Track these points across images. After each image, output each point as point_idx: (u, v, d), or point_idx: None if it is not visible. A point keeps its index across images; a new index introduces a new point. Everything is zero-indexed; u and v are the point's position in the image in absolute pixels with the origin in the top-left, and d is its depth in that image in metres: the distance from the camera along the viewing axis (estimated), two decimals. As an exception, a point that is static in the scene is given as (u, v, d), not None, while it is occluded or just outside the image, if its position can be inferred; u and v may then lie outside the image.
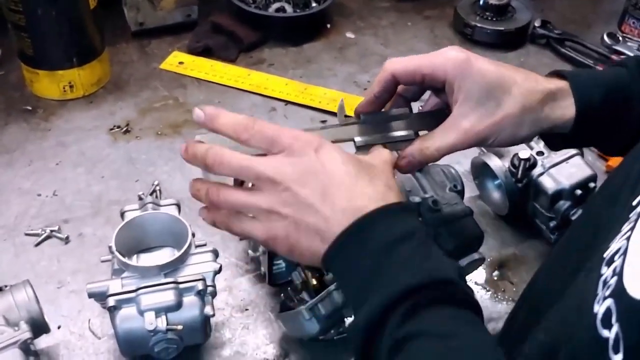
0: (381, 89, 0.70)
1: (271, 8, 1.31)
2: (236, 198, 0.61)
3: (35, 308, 0.70)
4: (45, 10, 1.02)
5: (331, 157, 0.59)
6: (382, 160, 0.64)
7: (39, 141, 1.05)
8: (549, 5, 1.45)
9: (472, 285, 0.87)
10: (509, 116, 0.67)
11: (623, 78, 0.71)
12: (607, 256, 0.47)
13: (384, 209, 0.57)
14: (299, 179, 0.58)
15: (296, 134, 0.60)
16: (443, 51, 0.69)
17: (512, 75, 0.68)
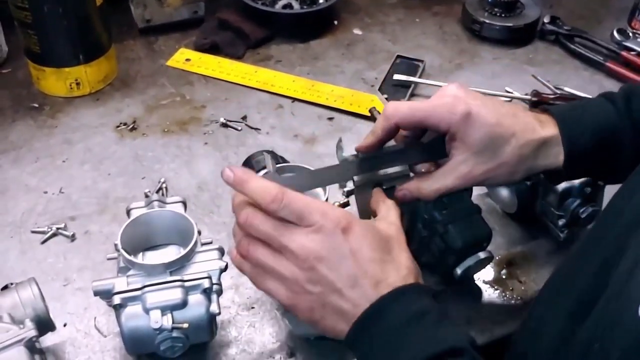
0: (384, 135, 0.73)
1: (278, 4, 1.30)
2: (263, 258, 0.63)
3: (40, 306, 0.70)
4: (52, 8, 1.02)
5: (359, 243, 0.62)
6: (395, 226, 0.68)
7: (46, 138, 1.05)
8: (558, 1, 1.44)
9: (480, 283, 0.87)
10: (505, 165, 0.72)
11: (611, 117, 0.74)
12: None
13: (402, 290, 0.61)
14: (326, 261, 0.61)
15: (325, 209, 0.62)
16: (445, 102, 0.71)
17: (512, 125, 0.72)
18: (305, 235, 0.61)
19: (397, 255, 0.64)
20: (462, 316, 0.83)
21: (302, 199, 0.62)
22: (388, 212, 0.70)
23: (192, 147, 1.05)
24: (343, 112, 1.12)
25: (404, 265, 0.64)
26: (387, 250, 0.64)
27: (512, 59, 1.27)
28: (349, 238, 0.61)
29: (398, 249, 0.65)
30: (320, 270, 0.61)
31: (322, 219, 0.61)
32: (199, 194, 0.97)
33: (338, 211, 0.63)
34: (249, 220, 0.63)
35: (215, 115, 1.10)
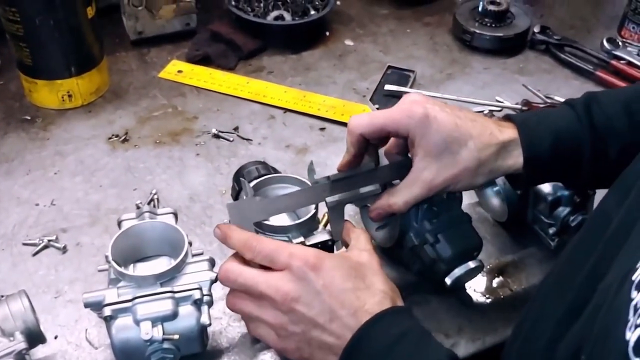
0: (356, 150, 0.76)
1: (270, 16, 1.31)
2: (248, 309, 0.68)
3: (31, 318, 0.70)
4: (43, 20, 1.03)
5: (330, 276, 0.65)
6: (367, 252, 0.71)
7: (38, 150, 1.05)
8: (548, 11, 1.45)
9: (471, 292, 0.87)
10: (465, 169, 0.74)
11: (571, 123, 0.75)
12: (636, 279, 0.47)
13: (380, 315, 0.64)
14: (302, 300, 0.64)
15: (292, 251, 0.66)
16: (404, 107, 0.74)
17: (469, 129, 0.74)
18: (279, 278, 0.65)
19: (371, 281, 0.67)
20: (454, 325, 0.83)
21: (272, 243, 0.67)
22: (358, 240, 0.73)
23: (183, 158, 1.05)
24: (335, 123, 1.13)
25: (378, 290, 0.66)
26: (360, 277, 0.66)
27: (502, 69, 1.28)
28: (319, 274, 0.64)
29: (371, 274, 0.68)
30: (299, 309, 0.64)
31: (291, 260, 0.65)
32: (191, 205, 0.97)
33: (306, 250, 0.66)
34: (226, 276, 0.68)
35: (207, 126, 1.11)
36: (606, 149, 0.75)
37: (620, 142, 0.74)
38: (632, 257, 0.50)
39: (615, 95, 0.79)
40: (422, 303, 0.85)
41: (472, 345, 0.81)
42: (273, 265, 0.66)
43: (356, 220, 0.92)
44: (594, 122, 0.75)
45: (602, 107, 0.76)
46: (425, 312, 0.84)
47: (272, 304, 0.66)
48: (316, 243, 0.76)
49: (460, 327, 0.83)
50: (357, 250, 0.71)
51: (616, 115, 0.75)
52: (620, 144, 0.74)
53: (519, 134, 0.75)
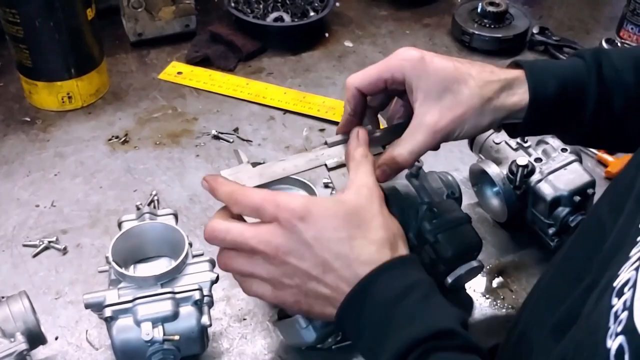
0: (353, 107, 0.72)
1: (269, 17, 1.31)
2: (240, 267, 0.64)
3: (31, 319, 0.70)
4: (43, 22, 1.03)
5: (320, 227, 0.61)
6: (366, 189, 0.64)
7: (38, 152, 1.05)
8: (547, 12, 1.45)
9: (471, 293, 0.87)
10: (469, 108, 0.69)
11: (579, 70, 0.72)
12: (617, 286, 0.46)
13: (382, 269, 0.60)
14: (294, 252, 0.61)
15: (278, 201, 0.61)
16: (397, 52, 0.71)
17: (467, 68, 0.70)
18: (268, 231, 0.61)
19: (367, 228, 0.62)
20: (454, 325, 0.83)
21: (258, 195, 0.63)
22: (357, 172, 0.67)
23: (183, 159, 1.05)
24: (334, 124, 1.13)
25: (376, 237, 0.62)
26: (355, 224, 0.62)
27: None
28: (309, 224, 0.60)
29: (370, 217, 0.62)
30: (292, 262, 0.61)
31: (277, 211, 0.61)
32: (191, 206, 0.97)
33: (294, 200, 0.62)
34: (213, 235, 0.64)
35: (207, 128, 1.11)
36: (611, 100, 0.72)
37: (626, 96, 0.72)
38: (618, 264, 0.49)
39: (626, 51, 0.77)
40: (422, 303, 0.85)
41: (472, 345, 0.81)
42: (261, 218, 0.62)
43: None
44: (603, 72, 0.72)
45: (613, 60, 0.73)
46: (425, 312, 0.84)
47: (264, 259, 0.62)
48: None
49: (460, 327, 0.83)
50: (355, 188, 0.64)
51: (626, 69, 0.72)
52: (626, 97, 0.72)
53: (525, 75, 0.71)
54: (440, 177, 0.87)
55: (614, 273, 0.48)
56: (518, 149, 0.92)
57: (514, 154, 0.92)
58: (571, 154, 0.90)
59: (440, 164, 0.93)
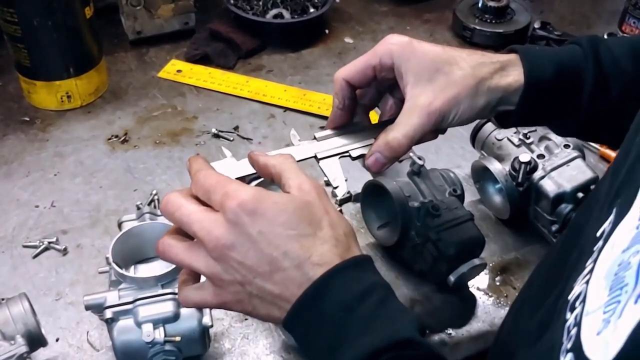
0: (341, 100, 0.69)
1: (269, 14, 1.31)
2: (177, 256, 0.58)
3: (31, 321, 0.70)
4: (41, 21, 1.02)
5: (269, 222, 0.55)
6: (310, 186, 0.59)
7: (37, 152, 1.05)
8: (548, 7, 1.44)
9: (474, 291, 0.86)
10: (464, 88, 0.66)
11: (577, 55, 0.70)
12: (571, 299, 0.44)
13: (335, 271, 0.55)
14: (238, 247, 0.55)
15: (229, 191, 0.56)
16: (385, 39, 0.68)
17: (457, 51, 0.68)
18: (212, 220, 0.55)
19: (318, 226, 0.56)
20: (456, 324, 0.82)
21: (213, 177, 0.57)
22: (289, 173, 0.60)
23: (184, 158, 1.05)
24: (335, 121, 1.12)
25: (327, 236, 0.56)
26: (305, 222, 0.56)
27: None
28: (256, 219, 0.54)
29: (321, 215, 0.57)
30: (234, 257, 0.55)
31: (225, 200, 0.55)
32: (191, 206, 0.96)
33: (244, 191, 0.55)
34: (166, 208, 0.58)
35: (207, 126, 1.10)
36: (608, 88, 0.69)
37: (623, 83, 0.70)
38: (574, 274, 0.47)
39: (623, 40, 0.75)
40: (424, 302, 0.85)
41: (475, 344, 0.81)
42: (210, 203, 0.57)
43: (358, 219, 0.92)
44: (600, 59, 0.70)
45: (610, 47, 0.71)
46: (427, 310, 0.84)
47: (204, 250, 0.56)
48: None
49: (463, 326, 0.82)
50: (296, 185, 0.58)
51: (623, 56, 0.70)
52: (623, 85, 0.70)
53: (520, 58, 0.68)
54: (442, 175, 0.86)
55: (572, 285, 0.46)
56: (520, 145, 0.92)
57: (516, 150, 0.91)
58: (574, 150, 0.90)
59: (442, 161, 0.92)
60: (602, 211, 0.50)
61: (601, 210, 0.50)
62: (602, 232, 0.47)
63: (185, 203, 0.57)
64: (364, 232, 0.90)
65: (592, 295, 0.42)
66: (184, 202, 0.57)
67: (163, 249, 0.59)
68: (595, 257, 0.44)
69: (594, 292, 0.42)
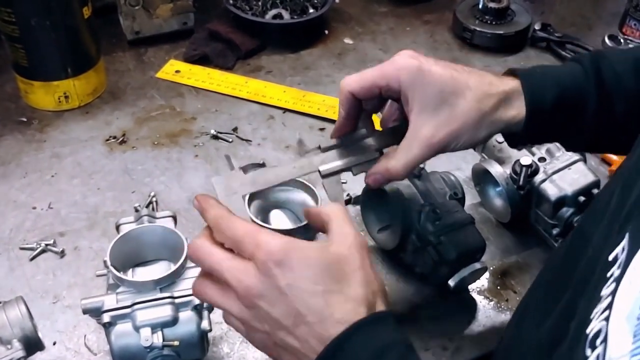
0: (347, 110, 0.71)
1: (268, 15, 1.30)
2: (211, 297, 0.61)
3: (28, 325, 0.69)
4: (39, 21, 1.01)
5: (296, 276, 0.56)
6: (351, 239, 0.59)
7: (34, 153, 1.04)
8: (548, 8, 1.44)
9: (475, 294, 0.86)
10: (466, 122, 0.67)
11: (578, 77, 0.70)
12: (589, 334, 0.43)
13: (355, 328, 0.55)
14: (266, 298, 0.56)
15: (259, 241, 0.57)
16: (395, 60, 0.69)
17: (466, 79, 0.68)
18: (243, 269, 0.57)
19: (347, 283, 0.57)
20: (457, 328, 0.82)
21: (241, 228, 0.59)
22: (337, 221, 0.61)
23: (182, 159, 1.04)
24: (334, 122, 1.11)
25: (354, 294, 0.57)
26: (335, 277, 0.57)
27: (503, 67, 1.26)
28: (285, 271, 0.56)
29: (350, 271, 0.57)
30: (262, 307, 0.57)
31: (256, 251, 0.57)
32: (190, 208, 0.96)
33: (274, 242, 0.57)
34: (196, 255, 0.60)
35: (205, 127, 1.09)
36: (612, 106, 0.70)
37: (627, 101, 0.70)
38: (590, 302, 0.46)
39: (625, 53, 0.75)
40: (424, 306, 0.84)
41: (475, 348, 0.80)
42: (240, 251, 0.58)
43: (358, 221, 0.91)
44: (602, 77, 0.70)
45: (612, 64, 0.71)
46: (428, 315, 0.83)
47: (236, 296, 0.58)
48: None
49: (463, 330, 0.82)
50: (338, 236, 0.60)
51: (625, 72, 0.71)
52: (627, 102, 0.70)
53: (522, 85, 0.69)
54: (443, 178, 0.86)
55: (586, 315, 0.45)
56: (521, 148, 0.91)
57: (517, 153, 0.90)
58: (575, 154, 0.89)
59: (443, 164, 0.92)
60: (613, 230, 0.49)
61: (610, 226, 0.50)
62: (614, 257, 0.46)
63: (214, 251, 0.59)
64: (363, 234, 0.89)
65: (614, 339, 0.41)
66: (213, 250, 0.59)
67: (198, 290, 0.61)
68: (613, 290, 0.43)
69: (616, 336, 0.41)
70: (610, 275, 0.45)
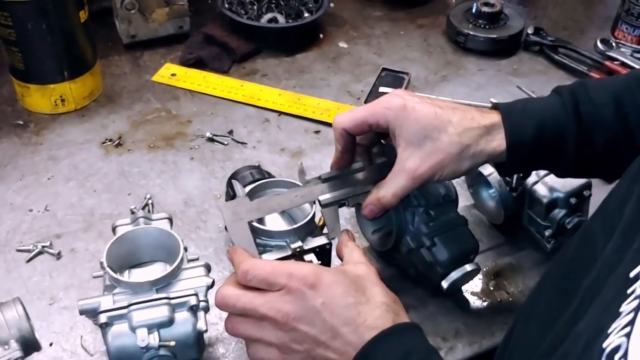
0: (342, 145, 0.76)
1: (264, 19, 1.31)
2: (248, 332, 0.67)
3: (25, 326, 0.69)
4: (36, 25, 1.02)
5: (330, 293, 0.64)
6: (363, 264, 0.69)
7: (31, 155, 1.04)
8: (541, 12, 1.45)
9: (468, 295, 0.87)
10: (448, 155, 0.73)
11: (557, 110, 0.74)
12: (607, 348, 0.43)
13: (384, 334, 0.62)
14: (304, 318, 0.64)
15: (290, 271, 0.65)
16: (383, 99, 0.75)
17: (448, 115, 0.73)
18: (279, 299, 0.64)
19: (371, 294, 0.65)
20: (451, 329, 0.82)
21: (268, 266, 0.66)
22: (351, 253, 0.72)
23: (178, 162, 1.05)
24: (329, 125, 1.12)
25: (379, 302, 0.65)
26: (360, 291, 0.65)
27: (497, 70, 1.28)
28: (318, 292, 0.63)
29: (371, 285, 0.66)
30: (301, 328, 0.64)
31: (289, 281, 0.64)
32: (186, 210, 0.96)
33: (304, 269, 0.65)
34: (224, 302, 0.67)
35: (201, 130, 1.10)
36: (592, 139, 0.73)
37: (607, 133, 0.73)
38: (605, 314, 0.46)
39: (605, 85, 0.77)
40: (419, 307, 0.85)
41: (469, 348, 0.81)
42: (271, 287, 0.65)
43: (352, 223, 0.92)
44: (580, 110, 0.73)
45: (591, 96, 0.74)
46: (422, 315, 0.84)
47: (273, 325, 0.65)
48: (314, 247, 0.76)
49: (457, 330, 0.82)
50: (353, 263, 0.70)
51: (604, 104, 0.73)
52: (607, 134, 0.73)
53: (502, 120, 0.73)
54: (437, 180, 0.86)
55: (602, 327, 0.45)
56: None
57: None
58: (567, 156, 0.90)
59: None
60: (629, 244, 0.50)
61: (625, 239, 0.51)
62: (636, 275, 0.47)
63: (241, 293, 0.66)
64: (358, 236, 0.90)
65: (635, 356, 0.42)
66: (240, 292, 0.66)
67: (232, 328, 0.68)
68: (635, 307, 0.44)
69: (637, 352, 0.42)
70: (632, 292, 0.46)
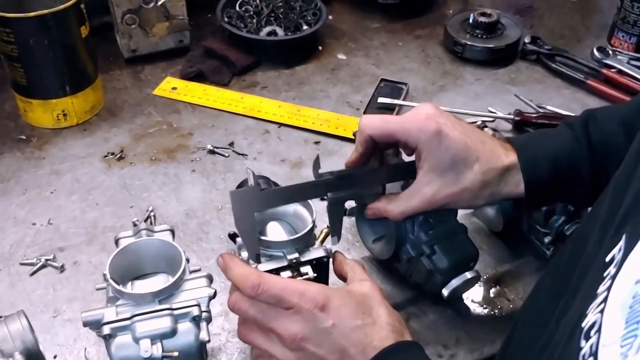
0: (364, 149, 0.77)
1: (263, 32, 1.32)
2: (257, 341, 0.68)
3: (30, 338, 0.70)
4: (37, 40, 1.03)
5: (339, 315, 0.64)
6: (367, 282, 0.70)
7: (34, 170, 1.05)
8: (538, 21, 1.46)
9: (469, 302, 0.87)
10: (467, 190, 0.74)
11: (570, 144, 0.75)
12: (585, 327, 0.45)
13: (386, 351, 0.63)
14: (312, 339, 0.64)
15: (302, 290, 0.65)
16: (418, 120, 0.74)
17: (477, 150, 0.74)
18: (288, 318, 0.64)
19: (377, 314, 0.66)
20: (452, 336, 0.83)
21: (279, 283, 0.66)
22: (354, 270, 0.72)
23: (179, 174, 1.05)
24: (329, 136, 1.13)
25: (385, 323, 0.65)
26: (367, 312, 0.66)
27: (494, 80, 1.29)
28: (328, 314, 0.64)
29: (377, 306, 0.67)
30: (308, 348, 0.64)
31: (300, 300, 0.64)
32: (187, 222, 0.97)
33: (314, 289, 0.65)
34: (237, 305, 0.67)
35: (202, 143, 1.11)
36: (606, 167, 0.74)
37: (620, 159, 0.71)
38: (585, 300, 0.48)
39: (613, 112, 0.78)
40: (419, 315, 0.85)
41: (470, 356, 0.81)
42: (280, 304, 0.65)
43: (352, 232, 0.93)
44: (592, 140, 0.74)
45: (600, 125, 0.75)
46: (423, 323, 0.84)
47: (281, 341, 0.65)
48: (311, 259, 0.76)
49: (458, 338, 0.83)
50: (358, 281, 0.70)
51: (614, 132, 0.75)
52: (620, 160, 0.71)
53: (518, 159, 0.75)
54: (436, 188, 0.87)
55: (582, 311, 0.47)
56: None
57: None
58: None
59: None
60: (607, 234, 0.51)
61: (604, 231, 0.52)
62: (611, 258, 0.48)
63: (254, 305, 0.66)
64: (359, 245, 0.91)
65: (607, 327, 0.43)
66: (252, 301, 0.66)
67: (244, 333, 0.69)
68: (609, 285, 0.45)
69: (609, 324, 0.43)
70: (607, 274, 0.47)
